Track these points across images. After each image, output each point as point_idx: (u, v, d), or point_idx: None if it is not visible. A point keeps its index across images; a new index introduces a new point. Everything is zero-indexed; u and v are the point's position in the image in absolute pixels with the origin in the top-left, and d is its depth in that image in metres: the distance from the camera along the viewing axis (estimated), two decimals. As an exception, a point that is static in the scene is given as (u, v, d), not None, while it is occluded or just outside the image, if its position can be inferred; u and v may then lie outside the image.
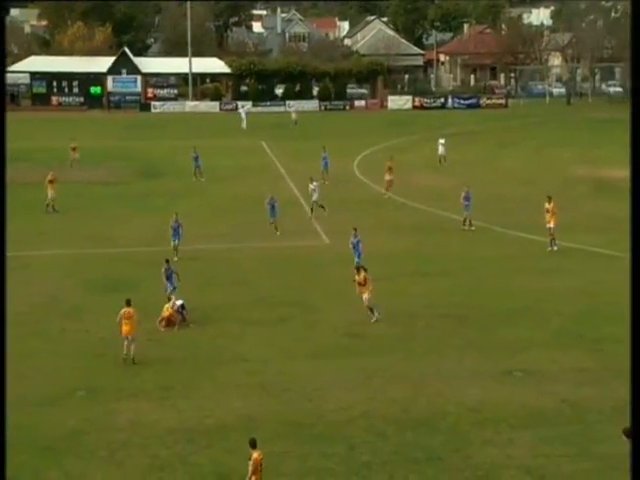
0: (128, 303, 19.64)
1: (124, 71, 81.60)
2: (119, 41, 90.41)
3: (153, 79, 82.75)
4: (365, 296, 21.87)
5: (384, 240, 30.96)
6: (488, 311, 23.00)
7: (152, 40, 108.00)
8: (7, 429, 15.93)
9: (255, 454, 12.91)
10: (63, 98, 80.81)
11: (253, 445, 13.06)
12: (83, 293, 24.63)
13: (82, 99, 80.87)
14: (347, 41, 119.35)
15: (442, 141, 48.00)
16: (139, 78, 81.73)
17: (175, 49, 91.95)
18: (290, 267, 27.40)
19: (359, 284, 22.01)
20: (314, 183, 34.56)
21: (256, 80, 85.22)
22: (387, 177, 38.79)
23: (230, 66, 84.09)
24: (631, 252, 7.20)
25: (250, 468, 12.88)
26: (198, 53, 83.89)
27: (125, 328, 19.35)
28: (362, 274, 22.00)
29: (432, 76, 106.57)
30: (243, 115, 67.09)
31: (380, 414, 16.71)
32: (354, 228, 25.96)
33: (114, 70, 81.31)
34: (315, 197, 34.35)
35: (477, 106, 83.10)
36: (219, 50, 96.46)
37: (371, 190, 41.29)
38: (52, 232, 32.15)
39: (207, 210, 36.64)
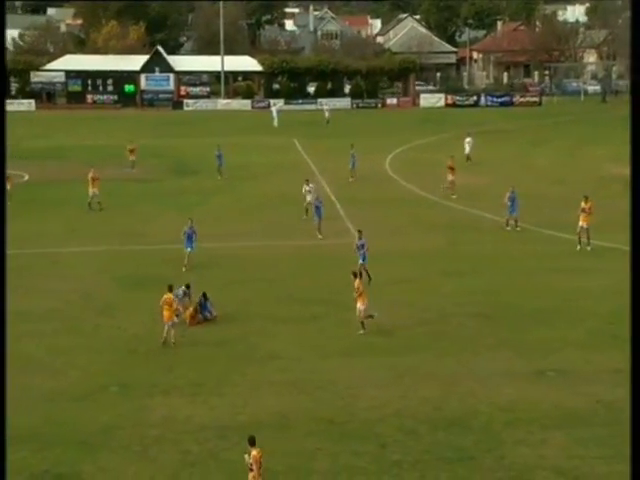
0: (170, 289, 20.26)
1: (157, 69, 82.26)
2: (152, 39, 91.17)
3: (186, 77, 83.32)
4: (359, 306, 20.81)
5: (416, 238, 30.88)
6: (521, 310, 22.81)
7: (185, 38, 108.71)
8: (44, 423, 16.19)
9: (254, 452, 12.85)
10: (97, 96, 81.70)
11: (252, 443, 12.97)
12: (116, 290, 24.85)
13: (116, 97, 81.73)
14: (379, 39, 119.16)
15: (468, 139, 47.63)
16: (172, 76, 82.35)
17: (208, 47, 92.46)
18: (321, 265, 27.39)
19: (357, 290, 20.81)
20: (310, 185, 33.61)
21: (288, 78, 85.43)
22: (449, 177, 37.80)
23: (262, 64, 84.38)
24: (631, 251, 7.10)
25: (254, 467, 12.78)
26: (230, 51, 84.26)
27: (166, 314, 19.97)
28: (357, 280, 21.02)
29: (465, 74, 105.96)
30: (275, 113, 67.23)
31: (412, 413, 16.65)
32: (359, 230, 25.38)
33: (147, 68, 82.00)
34: (309, 199, 33.06)
35: (510, 104, 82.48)
36: (251, 48, 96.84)
37: (403, 188, 41.17)
38: (85, 229, 32.47)
39: (239, 208, 36.77)
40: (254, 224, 33.32)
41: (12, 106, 78.80)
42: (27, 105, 79.31)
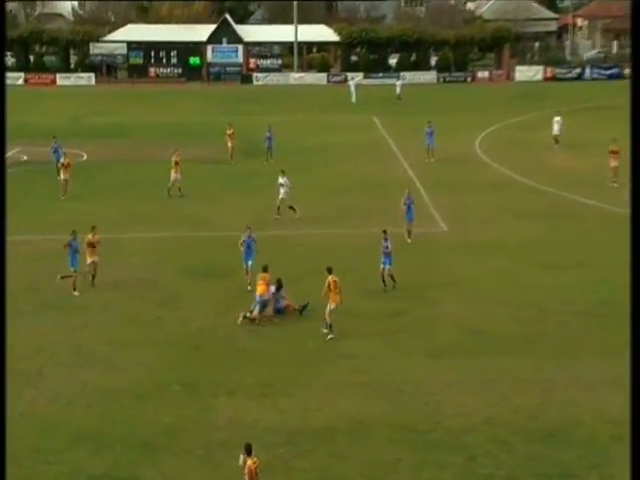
0: (264, 269, 21.98)
1: (225, 40, 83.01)
2: (220, 8, 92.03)
3: (255, 49, 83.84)
4: (330, 307, 20.50)
5: (510, 227, 30.47)
6: (631, 310, 22.19)
7: (255, 6, 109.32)
8: (103, 422, 16.45)
9: (250, 462, 12.81)
10: (161, 69, 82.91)
11: (248, 452, 12.93)
12: (179, 279, 25.19)
13: (180, 70, 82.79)
14: (470, 5, 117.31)
15: (558, 119, 46.47)
16: (241, 48, 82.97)
17: (280, 16, 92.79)
18: (404, 256, 27.14)
19: (329, 287, 20.44)
20: (284, 178, 31.69)
21: (367, 49, 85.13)
22: (612, 163, 36.34)
23: (339, 34, 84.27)
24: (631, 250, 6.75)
25: (246, 477, 12.74)
26: (304, 20, 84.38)
27: (259, 288, 21.53)
28: (330, 277, 20.60)
29: (567, 43, 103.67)
30: (353, 88, 67.16)
31: (504, 422, 16.43)
32: (383, 230, 24.45)
33: (214, 39, 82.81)
34: (282, 194, 31.51)
35: (620, 77, 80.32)
36: (327, 16, 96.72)
37: (495, 171, 40.63)
38: (148, 213, 33.00)
39: (313, 192, 36.82)
40: (329, 209, 33.32)
41: (70, 80, 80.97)
42: (86, 79, 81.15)
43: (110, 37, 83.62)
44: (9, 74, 79.90)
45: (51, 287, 24.52)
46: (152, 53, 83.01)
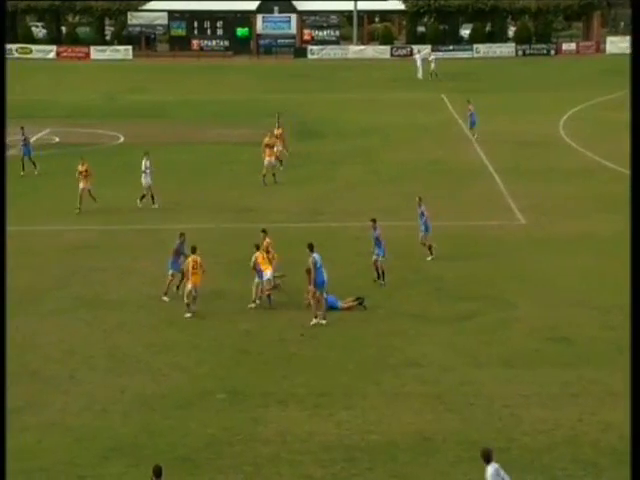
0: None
1: (276, 9, 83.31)
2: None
3: (310, 18, 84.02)
4: (189, 286, 22.37)
5: (598, 220, 30.19)
6: None
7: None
8: (141, 433, 16.63)
9: None
10: (205, 42, 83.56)
11: (157, 474, 12.90)
12: (225, 276, 25.35)
13: (227, 43, 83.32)
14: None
15: None
16: (294, 17, 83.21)
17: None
18: (476, 251, 27.11)
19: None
20: (148, 161, 31.99)
21: (436, 19, 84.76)
22: None
23: (404, 2, 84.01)
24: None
25: None
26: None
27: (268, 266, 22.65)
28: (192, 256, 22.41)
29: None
30: (419, 62, 67.07)
31: (590, 441, 16.30)
32: (372, 219, 24.40)
33: (265, 8, 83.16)
34: (148, 180, 32.07)
35: None
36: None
37: (582, 157, 40.24)
38: (190, 202, 33.29)
39: (373, 179, 36.86)
40: (392, 199, 33.25)
41: (105, 53, 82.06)
42: (123, 52, 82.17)
43: (149, 6, 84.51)
44: (41, 47, 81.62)
45: (84, 282, 24.92)
46: (196, 23, 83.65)
